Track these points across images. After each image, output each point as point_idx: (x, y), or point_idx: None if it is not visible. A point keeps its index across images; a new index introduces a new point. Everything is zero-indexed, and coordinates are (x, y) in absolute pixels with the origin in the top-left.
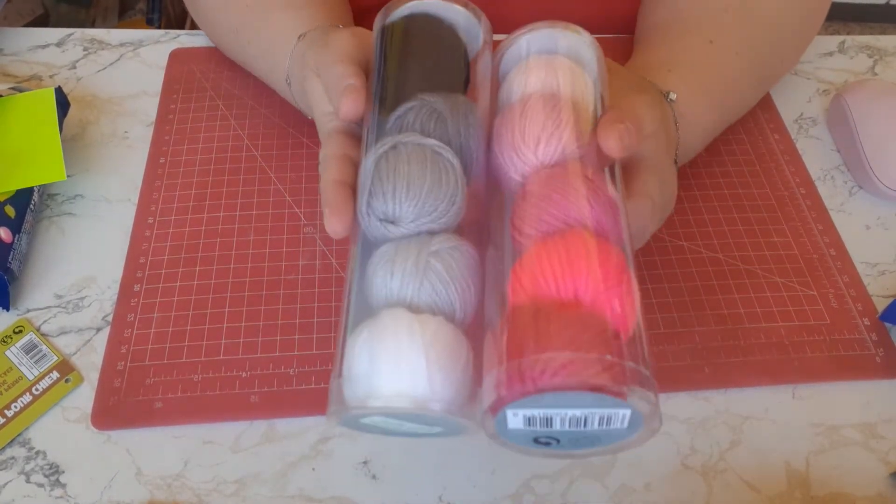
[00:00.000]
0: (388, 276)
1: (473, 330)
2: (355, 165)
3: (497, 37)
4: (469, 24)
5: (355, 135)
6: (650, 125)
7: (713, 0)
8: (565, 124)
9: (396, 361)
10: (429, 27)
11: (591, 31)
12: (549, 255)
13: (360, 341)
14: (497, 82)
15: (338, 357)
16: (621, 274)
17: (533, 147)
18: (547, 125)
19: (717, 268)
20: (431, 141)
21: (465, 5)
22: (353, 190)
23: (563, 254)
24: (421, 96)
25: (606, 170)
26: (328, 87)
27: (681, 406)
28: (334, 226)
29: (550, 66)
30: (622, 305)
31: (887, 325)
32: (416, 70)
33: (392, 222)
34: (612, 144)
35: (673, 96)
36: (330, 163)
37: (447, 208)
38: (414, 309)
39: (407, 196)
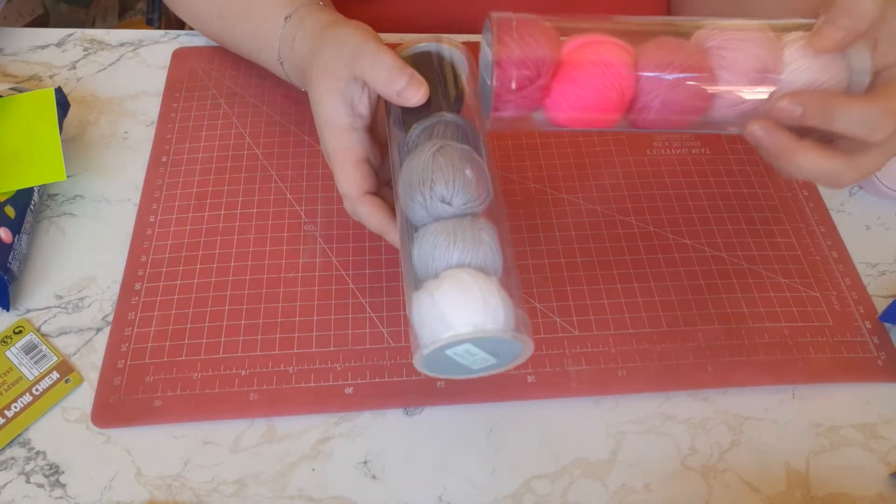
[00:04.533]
0: (450, 247)
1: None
2: (382, 199)
3: None
4: (459, 58)
5: (370, 162)
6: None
7: None
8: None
9: (479, 304)
10: (434, 62)
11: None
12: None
13: (437, 294)
14: None
15: (410, 310)
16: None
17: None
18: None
19: (721, 267)
20: (466, 147)
21: (458, 46)
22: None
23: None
24: (440, 114)
25: None
26: (379, 71)
27: (681, 406)
28: (393, 238)
29: None
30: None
31: (887, 325)
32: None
33: (449, 203)
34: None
35: None
36: (369, 205)
37: (485, 197)
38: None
39: (463, 184)
